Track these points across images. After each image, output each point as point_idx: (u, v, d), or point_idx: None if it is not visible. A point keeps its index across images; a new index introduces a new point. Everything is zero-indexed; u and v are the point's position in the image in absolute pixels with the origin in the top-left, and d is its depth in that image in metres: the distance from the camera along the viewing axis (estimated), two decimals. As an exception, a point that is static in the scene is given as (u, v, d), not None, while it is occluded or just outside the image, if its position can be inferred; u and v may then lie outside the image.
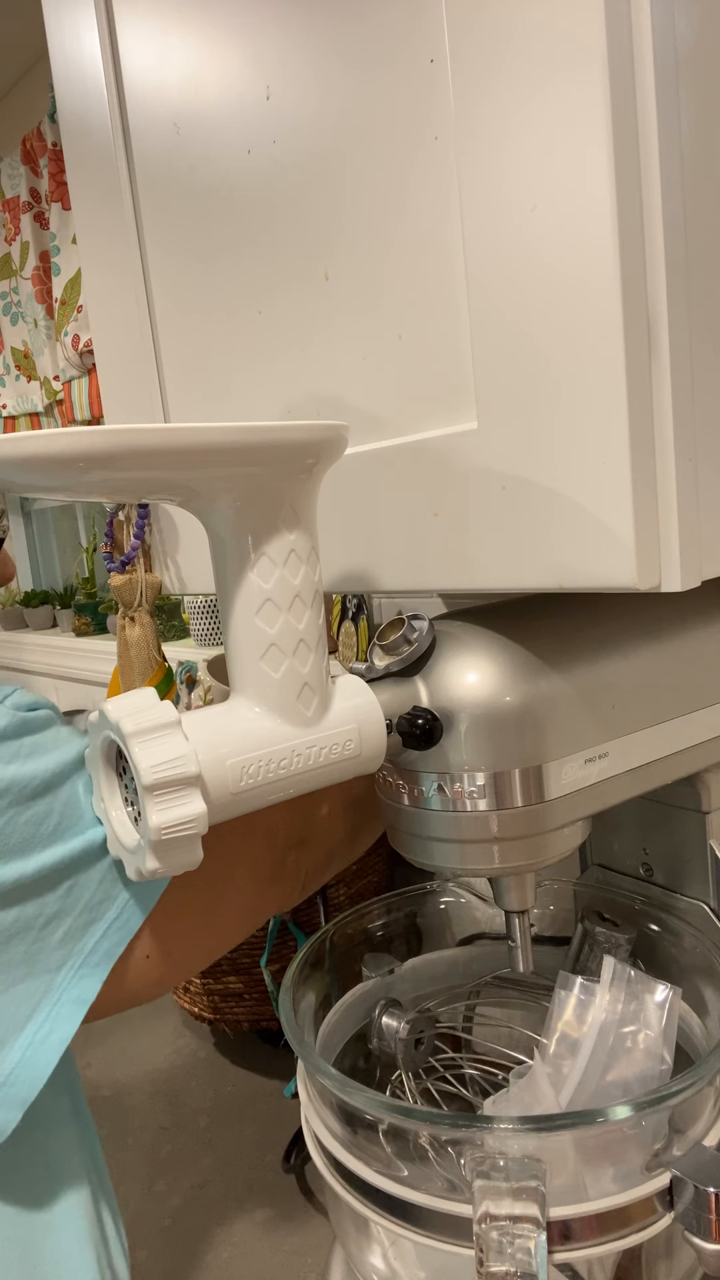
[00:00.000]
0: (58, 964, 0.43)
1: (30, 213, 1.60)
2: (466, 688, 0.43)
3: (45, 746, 0.44)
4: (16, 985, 0.42)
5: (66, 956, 0.43)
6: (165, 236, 0.57)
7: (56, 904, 0.43)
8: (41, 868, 0.42)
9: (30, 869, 0.42)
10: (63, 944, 0.43)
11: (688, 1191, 0.40)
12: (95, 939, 0.44)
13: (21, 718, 0.43)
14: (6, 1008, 0.41)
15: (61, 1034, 0.42)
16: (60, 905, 0.43)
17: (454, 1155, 0.44)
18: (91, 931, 0.44)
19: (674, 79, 0.34)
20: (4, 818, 0.41)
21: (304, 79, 0.45)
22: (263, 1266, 0.67)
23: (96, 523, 2.01)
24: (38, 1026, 0.42)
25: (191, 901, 0.49)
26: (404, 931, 0.64)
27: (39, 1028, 0.42)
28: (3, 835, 0.41)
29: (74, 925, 0.43)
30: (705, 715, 0.50)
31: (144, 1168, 0.79)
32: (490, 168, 0.37)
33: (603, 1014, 0.49)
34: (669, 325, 0.34)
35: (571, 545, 0.37)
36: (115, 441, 0.34)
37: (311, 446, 0.39)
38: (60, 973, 0.43)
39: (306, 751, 0.41)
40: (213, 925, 0.52)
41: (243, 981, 0.86)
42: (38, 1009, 0.42)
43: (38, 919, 0.42)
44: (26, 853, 0.42)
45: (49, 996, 0.42)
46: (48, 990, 0.42)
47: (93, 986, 0.43)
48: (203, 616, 1.43)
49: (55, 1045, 0.42)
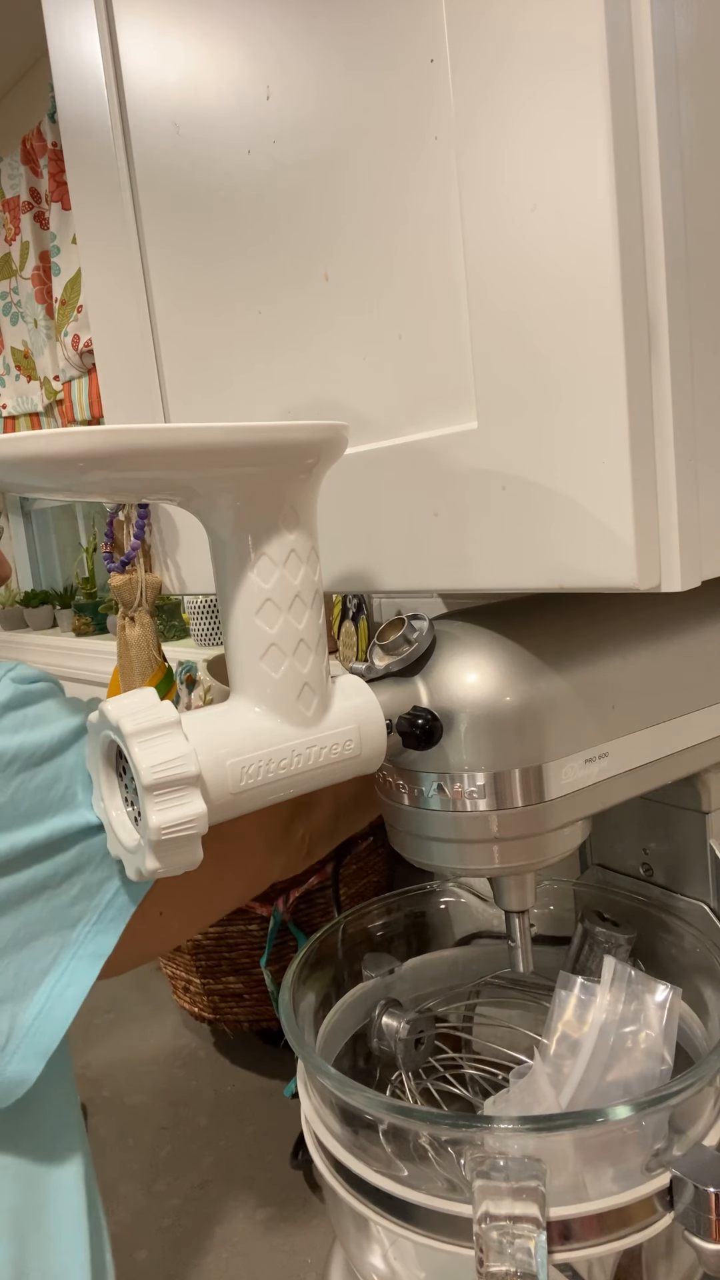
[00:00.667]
0: (74, 920, 0.45)
1: (30, 213, 1.60)
2: (466, 688, 0.43)
3: (48, 716, 0.46)
4: (35, 940, 0.43)
5: (83, 913, 0.45)
6: (165, 236, 0.57)
7: (71, 863, 0.44)
8: (53, 832, 0.44)
9: (42, 834, 0.43)
10: (78, 900, 0.45)
11: (688, 1191, 0.40)
12: (110, 895, 0.46)
13: (24, 690, 0.45)
14: (26, 962, 0.43)
15: (79, 987, 0.44)
16: (75, 864, 0.45)
17: (454, 1155, 0.44)
18: (106, 889, 0.46)
19: (674, 79, 0.34)
20: (14, 784, 0.43)
21: (304, 79, 0.45)
22: (263, 1266, 0.67)
23: (96, 523, 2.01)
24: (56, 979, 0.44)
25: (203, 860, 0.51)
26: (404, 931, 0.64)
27: (57, 980, 0.44)
28: (14, 802, 0.43)
29: (89, 883, 0.45)
30: (705, 715, 0.50)
31: (144, 1168, 0.79)
32: (490, 168, 0.37)
33: (603, 1014, 0.49)
34: (669, 325, 0.34)
35: (571, 545, 0.37)
36: (115, 441, 0.34)
37: (312, 446, 0.39)
38: (77, 928, 0.45)
39: (306, 751, 0.41)
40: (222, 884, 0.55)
41: (243, 981, 0.86)
42: (56, 962, 0.44)
43: (53, 878, 0.44)
44: (38, 818, 0.43)
45: (66, 951, 0.44)
46: (64, 945, 0.44)
47: (108, 941, 0.45)
48: (203, 616, 1.43)
49: (73, 998, 0.44)
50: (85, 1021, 1.03)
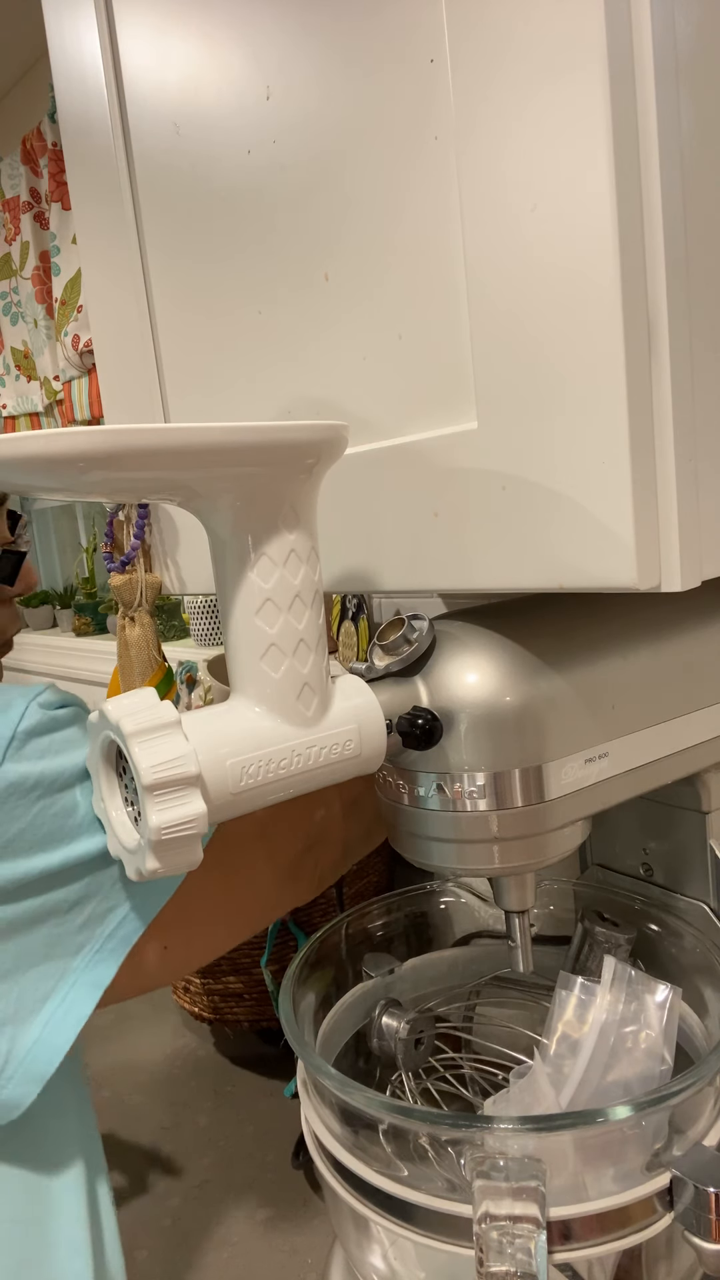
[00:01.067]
0: (78, 947, 0.45)
1: (30, 213, 1.59)
2: (466, 688, 0.43)
3: (72, 743, 0.45)
4: (36, 966, 0.44)
5: (86, 940, 0.45)
6: (165, 236, 0.57)
7: (80, 891, 0.44)
8: (66, 860, 0.44)
9: (56, 861, 0.43)
10: (83, 929, 0.45)
11: (688, 1191, 0.40)
12: (114, 925, 0.46)
13: (50, 716, 0.45)
14: (28, 987, 0.43)
15: (78, 1014, 0.44)
16: (84, 893, 0.45)
17: (454, 1155, 0.44)
18: (111, 918, 0.45)
19: (674, 79, 0.34)
20: (34, 811, 0.43)
21: (304, 79, 0.45)
22: (263, 1266, 0.67)
23: (96, 523, 2.00)
24: (55, 1006, 0.44)
25: (210, 893, 0.51)
26: (404, 931, 0.64)
27: (56, 1007, 0.44)
28: (32, 828, 0.43)
29: (95, 911, 0.45)
30: (705, 715, 0.50)
31: (144, 1168, 0.79)
32: (490, 168, 0.37)
33: (603, 1014, 0.49)
34: (669, 325, 0.34)
35: (571, 545, 0.37)
36: (115, 441, 0.34)
37: (312, 446, 0.39)
38: (79, 956, 0.45)
39: (306, 751, 0.41)
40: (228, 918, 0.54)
41: (243, 981, 0.86)
42: (55, 989, 0.44)
43: (61, 905, 0.44)
44: (53, 845, 0.43)
45: (66, 978, 0.44)
46: (65, 972, 0.44)
47: (108, 970, 0.45)
48: (203, 616, 1.43)
49: (72, 1024, 0.44)
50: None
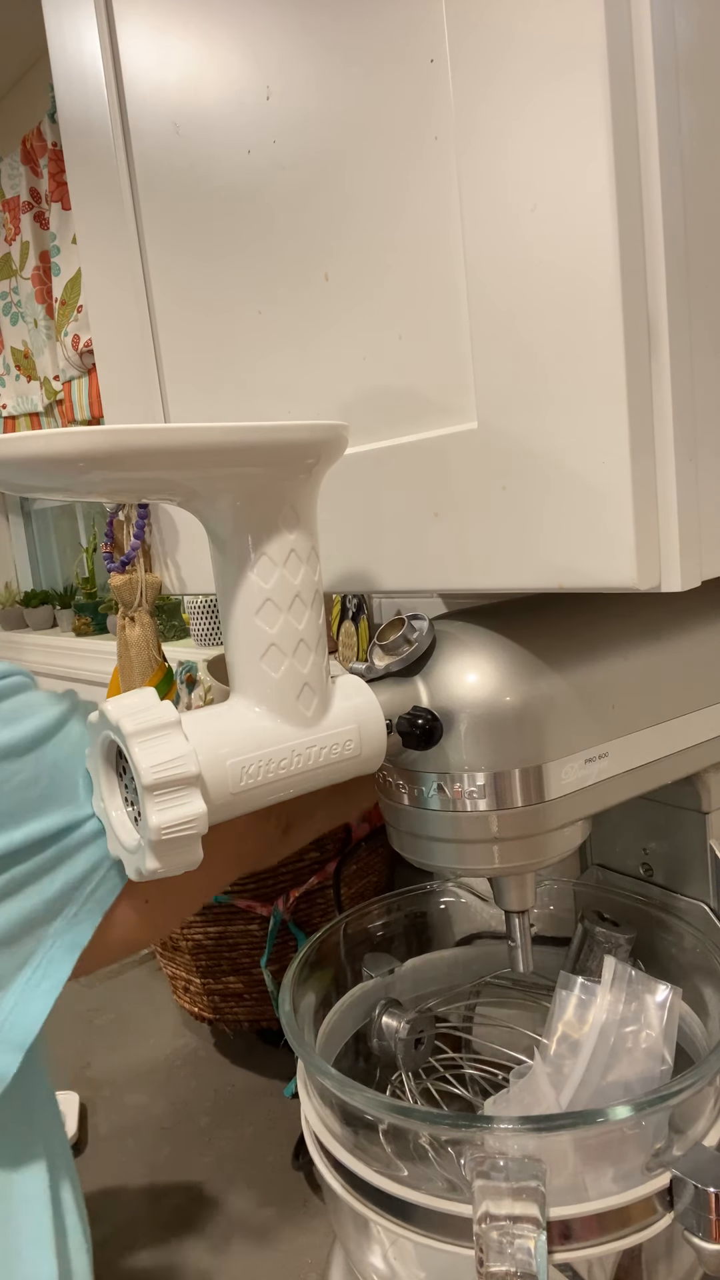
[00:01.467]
0: (54, 913, 0.44)
1: (30, 213, 1.60)
2: (466, 688, 0.43)
3: (21, 711, 0.45)
4: (12, 935, 0.43)
5: (63, 906, 0.45)
6: (165, 236, 0.57)
7: (51, 861, 0.44)
8: (30, 835, 0.43)
9: (19, 836, 0.43)
10: (58, 896, 0.44)
11: (688, 1191, 0.40)
12: (90, 887, 0.45)
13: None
14: (3, 957, 0.43)
15: (55, 979, 0.44)
16: (54, 861, 0.44)
17: (454, 1155, 0.44)
18: (86, 883, 0.45)
19: (674, 79, 0.34)
20: None
21: (304, 79, 0.45)
22: (263, 1266, 0.67)
23: (96, 523, 2.00)
24: (31, 971, 0.44)
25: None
26: (404, 931, 0.64)
27: (33, 973, 0.44)
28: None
29: (69, 877, 0.45)
30: (705, 715, 0.50)
31: (144, 1168, 0.79)
32: (490, 168, 0.37)
33: (603, 1014, 0.49)
34: (669, 325, 0.34)
35: (571, 545, 0.37)
36: (115, 441, 0.34)
37: (311, 446, 0.39)
38: (56, 921, 0.44)
39: (306, 751, 0.41)
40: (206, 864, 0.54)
41: (243, 981, 0.86)
42: (32, 955, 0.44)
43: (32, 875, 0.44)
44: (17, 820, 0.43)
45: (43, 943, 0.44)
46: (41, 937, 0.44)
47: (85, 932, 0.45)
48: (203, 616, 1.43)
49: (49, 990, 0.44)
50: (85, 1021, 1.03)
